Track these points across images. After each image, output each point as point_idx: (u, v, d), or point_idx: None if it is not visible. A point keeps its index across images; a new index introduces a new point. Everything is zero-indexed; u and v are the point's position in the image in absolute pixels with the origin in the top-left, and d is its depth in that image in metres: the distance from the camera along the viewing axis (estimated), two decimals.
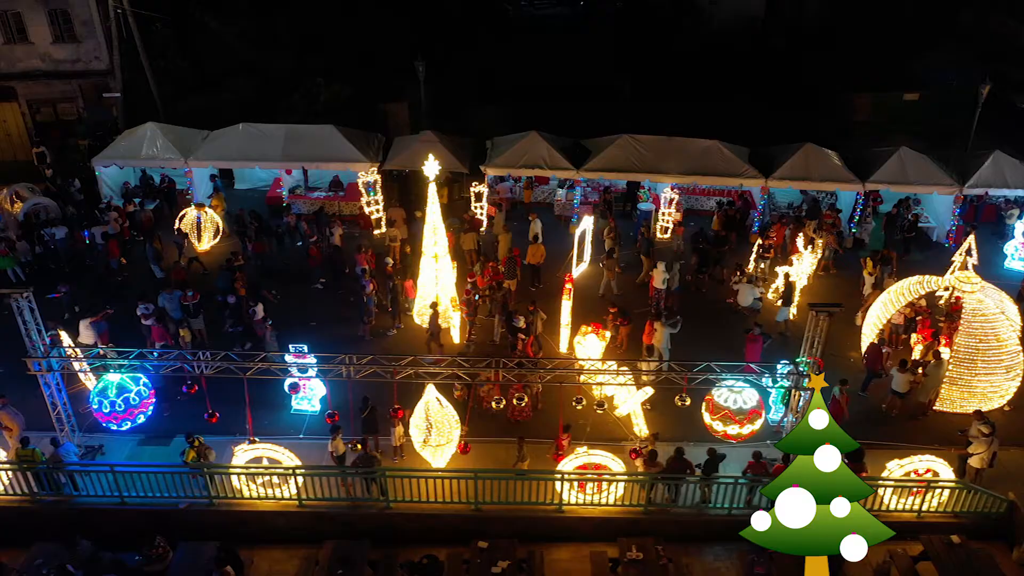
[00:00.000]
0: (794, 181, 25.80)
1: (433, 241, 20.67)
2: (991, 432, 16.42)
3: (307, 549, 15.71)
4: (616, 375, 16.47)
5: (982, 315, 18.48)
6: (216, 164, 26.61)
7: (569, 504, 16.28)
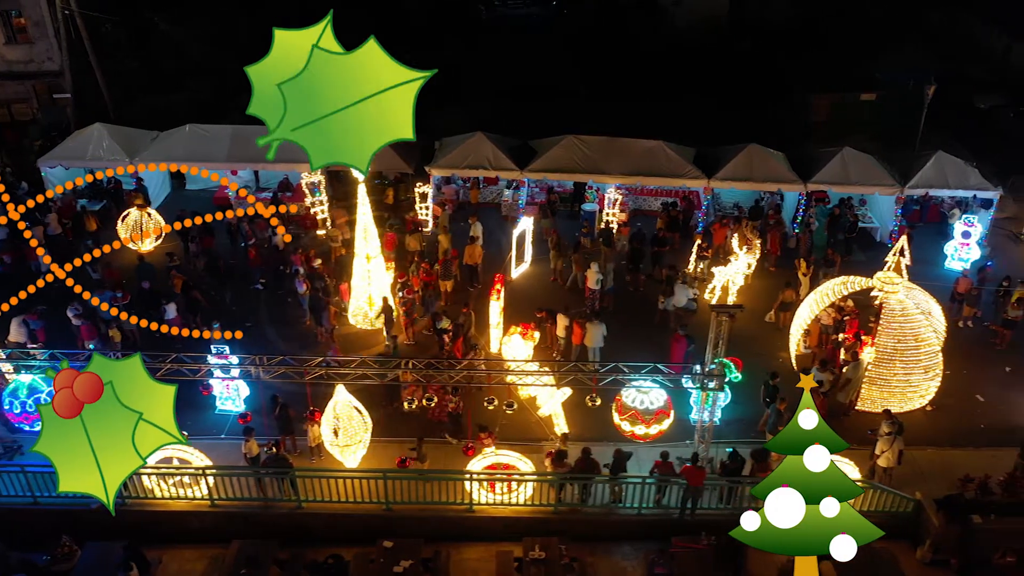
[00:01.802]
0: (736, 181, 25.88)
1: (364, 240, 20.82)
2: (892, 431, 16.51)
3: (217, 549, 15.83)
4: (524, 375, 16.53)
5: (901, 315, 18.59)
6: (162, 166, 26.53)
7: (479, 504, 16.40)
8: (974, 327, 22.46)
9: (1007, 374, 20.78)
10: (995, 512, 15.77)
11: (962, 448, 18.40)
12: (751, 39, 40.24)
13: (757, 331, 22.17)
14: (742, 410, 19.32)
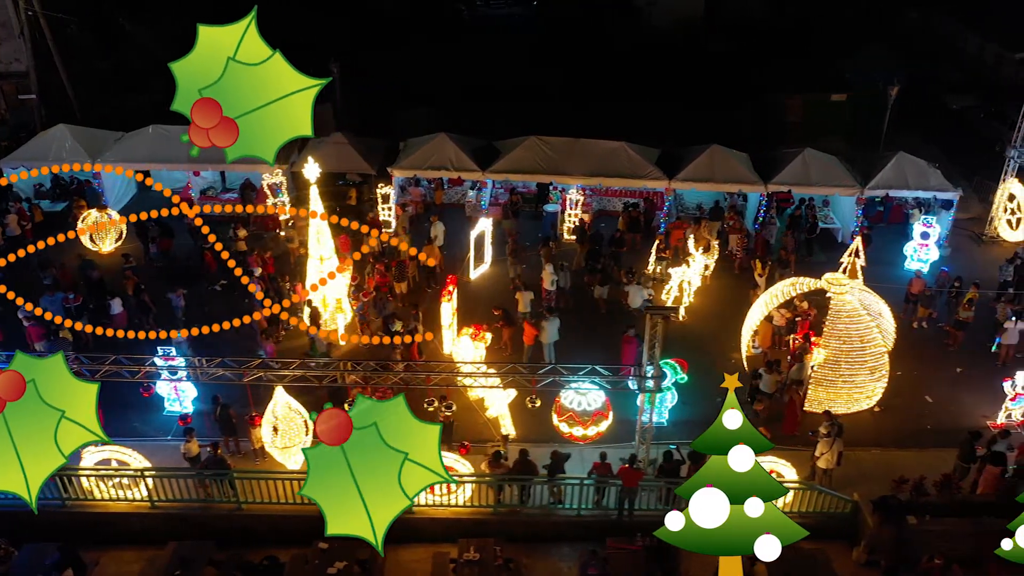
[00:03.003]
0: (697, 182, 25.92)
1: (317, 241, 20.87)
2: (830, 432, 16.55)
3: (154, 551, 15.85)
4: (463, 376, 16.57)
5: (847, 316, 18.64)
6: (125, 166, 26.63)
7: (419, 505, 16.42)
8: (928, 328, 22.50)
9: (957, 375, 20.82)
10: (931, 513, 15.82)
11: (907, 449, 18.45)
12: (725, 40, 40.27)
13: (715, 331, 22.19)
14: (690, 411, 19.35)
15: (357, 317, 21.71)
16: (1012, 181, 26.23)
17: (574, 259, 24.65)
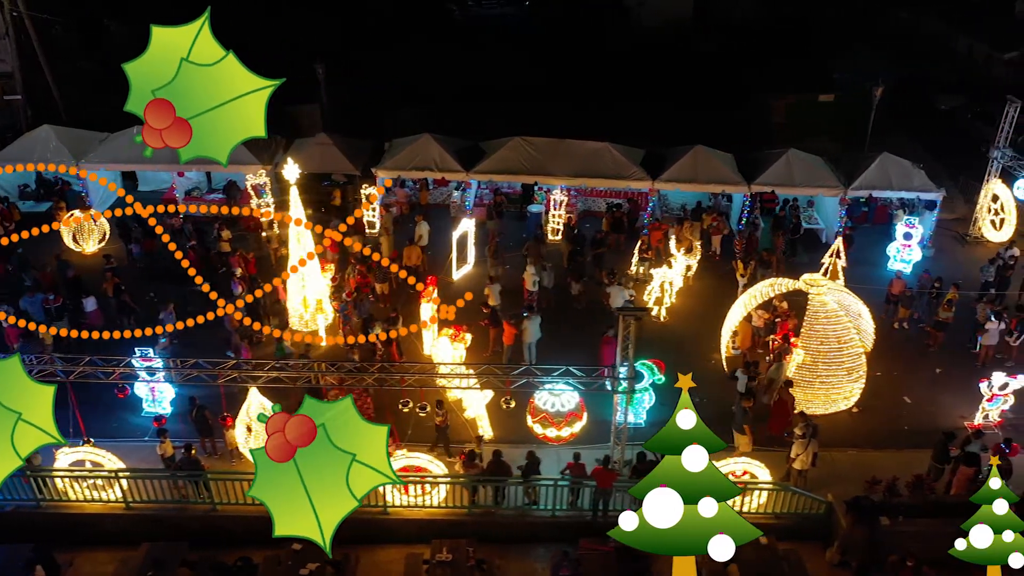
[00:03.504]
0: (681, 183, 25.95)
1: (298, 242, 20.89)
2: (805, 434, 16.56)
3: (128, 551, 15.85)
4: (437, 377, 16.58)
5: (825, 317, 18.66)
6: (109, 167, 26.68)
7: (394, 506, 16.45)
8: (909, 328, 22.51)
9: (937, 376, 20.83)
10: (904, 514, 15.83)
11: (883, 450, 18.45)
12: (714, 40, 40.31)
13: (696, 332, 22.17)
14: (669, 412, 19.22)
15: (339, 318, 21.72)
16: (995, 182, 26.25)
17: (559, 259, 24.65)
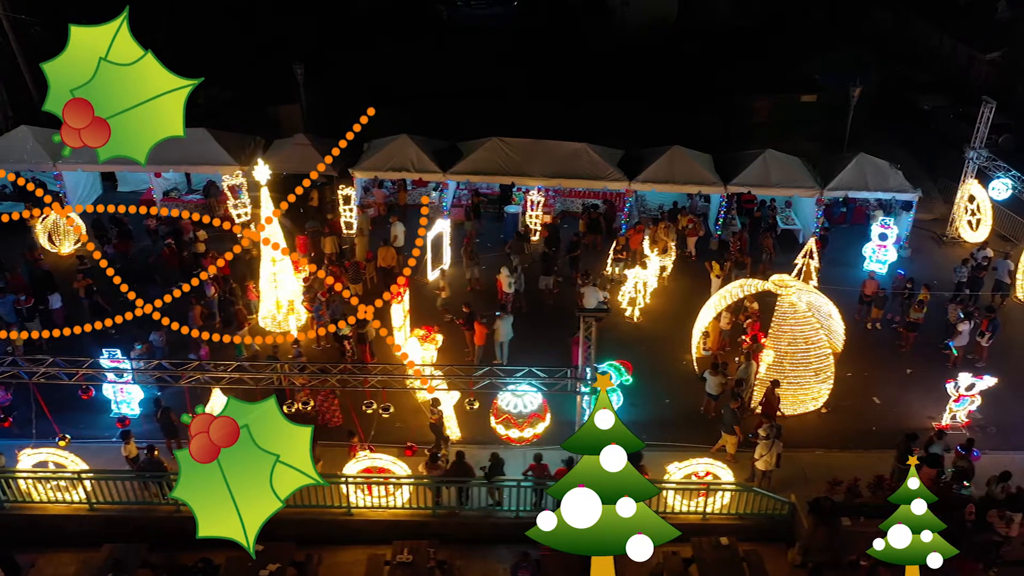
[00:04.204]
0: (658, 184, 25.93)
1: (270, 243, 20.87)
2: (768, 435, 16.58)
3: (90, 552, 15.85)
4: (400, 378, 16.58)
5: (792, 318, 18.67)
6: (86, 168, 26.67)
7: (358, 508, 16.46)
8: (882, 329, 22.53)
9: (907, 376, 20.84)
10: (866, 515, 15.83)
11: (850, 451, 18.47)
12: (698, 41, 40.29)
13: (669, 333, 22.18)
14: (638, 412, 19.39)
15: (312, 318, 21.72)
16: (972, 182, 26.26)
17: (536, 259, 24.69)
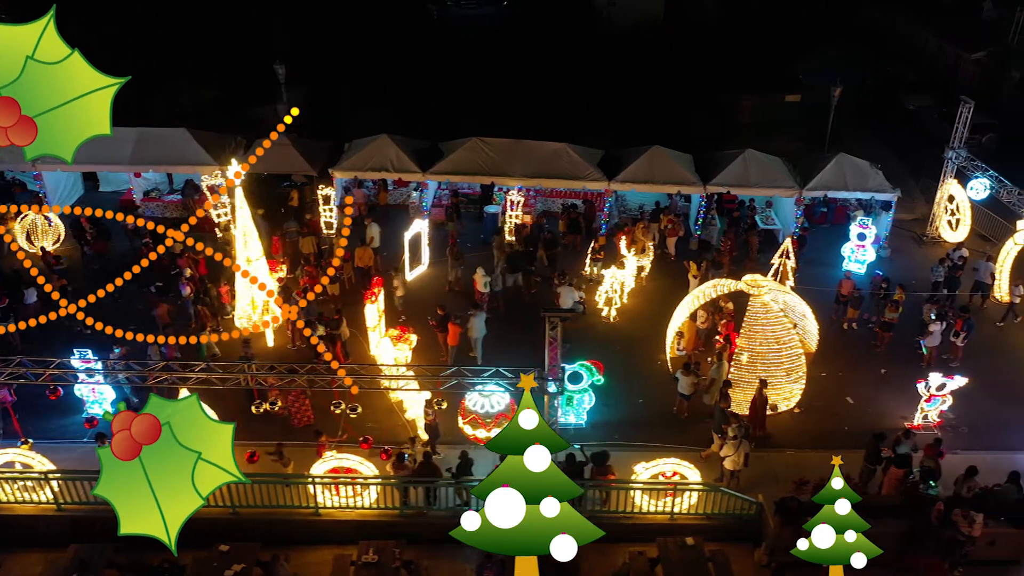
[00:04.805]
0: (637, 183, 25.94)
1: (244, 243, 20.91)
2: (736, 435, 16.58)
3: (58, 553, 15.85)
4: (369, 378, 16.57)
5: (764, 318, 18.67)
6: (66, 168, 26.65)
7: (326, 508, 16.46)
8: (858, 329, 22.52)
9: (881, 376, 20.85)
10: None
11: (821, 451, 18.38)
12: (685, 41, 40.28)
13: (645, 333, 22.16)
14: (611, 412, 19.42)
15: (287, 319, 21.70)
16: (951, 182, 26.26)
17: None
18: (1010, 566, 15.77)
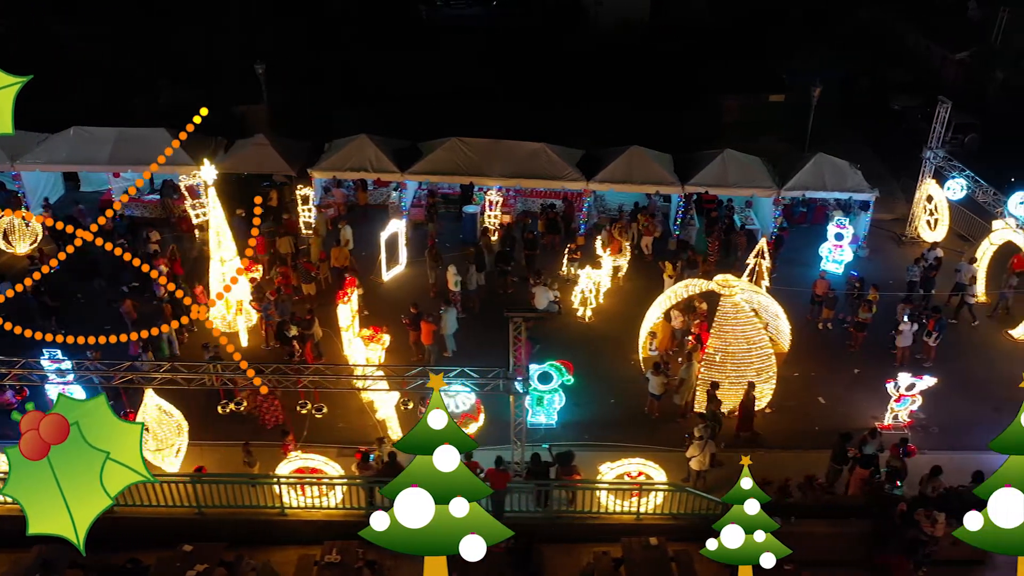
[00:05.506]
0: (615, 184, 25.92)
1: (217, 244, 20.93)
2: (702, 436, 16.57)
3: (20, 553, 15.83)
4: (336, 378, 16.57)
5: (734, 318, 18.66)
6: (44, 168, 26.71)
7: (292, 508, 16.45)
8: (833, 329, 22.51)
9: (854, 376, 20.84)
10: (798, 515, 15.84)
11: (791, 451, 18.45)
12: (671, 41, 40.26)
13: (619, 333, 22.14)
14: (582, 412, 19.41)
15: (262, 319, 21.72)
16: (930, 182, 26.25)
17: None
18: (974, 566, 15.75)
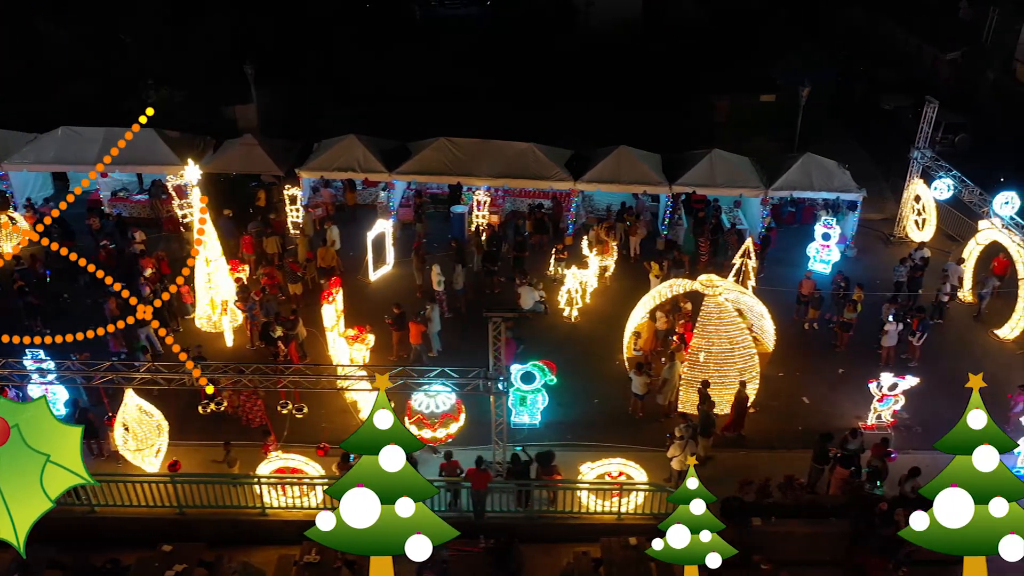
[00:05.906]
0: (603, 184, 25.92)
1: (204, 244, 20.87)
2: (683, 436, 16.57)
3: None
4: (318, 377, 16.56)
5: (717, 318, 18.65)
6: (32, 168, 26.72)
7: (272, 508, 16.44)
8: (819, 329, 22.50)
9: (839, 376, 20.83)
10: (778, 515, 15.86)
11: (774, 451, 18.45)
12: (662, 41, 40.26)
13: (604, 333, 22.12)
14: (565, 412, 19.40)
15: (247, 319, 21.70)
16: (917, 182, 26.25)
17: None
18: (953, 565, 15.59)
